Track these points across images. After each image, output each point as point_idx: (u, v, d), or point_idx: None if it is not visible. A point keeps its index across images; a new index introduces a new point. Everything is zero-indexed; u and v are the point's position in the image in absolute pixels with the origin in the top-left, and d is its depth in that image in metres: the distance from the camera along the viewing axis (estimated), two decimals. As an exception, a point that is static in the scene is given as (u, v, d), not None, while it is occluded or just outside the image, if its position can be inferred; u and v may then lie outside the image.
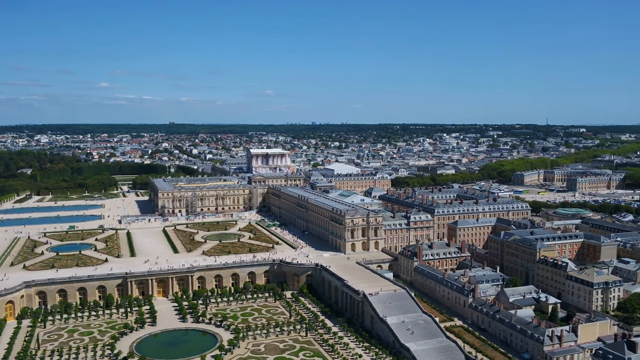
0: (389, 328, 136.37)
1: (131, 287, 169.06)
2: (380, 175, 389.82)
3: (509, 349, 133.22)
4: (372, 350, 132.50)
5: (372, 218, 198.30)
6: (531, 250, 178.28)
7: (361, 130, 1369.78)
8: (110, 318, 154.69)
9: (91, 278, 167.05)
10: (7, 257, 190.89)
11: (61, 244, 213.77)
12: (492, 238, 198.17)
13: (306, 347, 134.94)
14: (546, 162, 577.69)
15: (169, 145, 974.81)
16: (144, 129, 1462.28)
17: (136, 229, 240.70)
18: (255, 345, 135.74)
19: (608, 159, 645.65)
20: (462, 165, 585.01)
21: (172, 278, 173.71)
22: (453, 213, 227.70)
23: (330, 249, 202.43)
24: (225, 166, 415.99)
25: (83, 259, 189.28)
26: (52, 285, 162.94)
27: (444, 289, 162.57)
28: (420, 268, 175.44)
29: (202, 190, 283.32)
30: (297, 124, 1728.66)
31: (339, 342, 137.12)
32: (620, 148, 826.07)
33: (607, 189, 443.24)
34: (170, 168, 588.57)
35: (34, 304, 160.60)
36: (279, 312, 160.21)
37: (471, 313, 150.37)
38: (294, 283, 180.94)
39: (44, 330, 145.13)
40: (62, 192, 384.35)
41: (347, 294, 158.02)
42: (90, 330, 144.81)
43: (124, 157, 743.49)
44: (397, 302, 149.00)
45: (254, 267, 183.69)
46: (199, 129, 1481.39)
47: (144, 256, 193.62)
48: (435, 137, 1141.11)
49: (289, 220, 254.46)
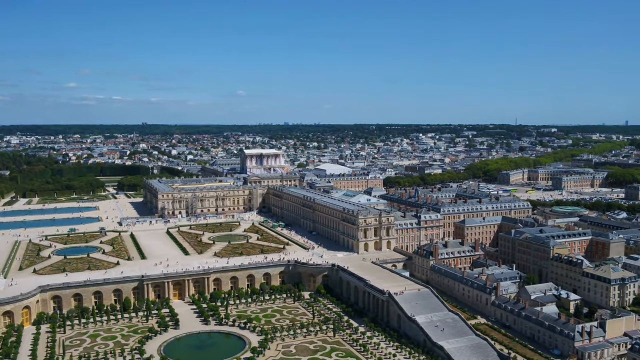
0: (419, 327, 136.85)
1: (147, 290, 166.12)
2: (372, 175, 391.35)
3: (537, 345, 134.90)
4: (403, 349, 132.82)
5: (384, 218, 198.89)
6: (544, 247, 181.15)
7: (337, 130, 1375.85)
8: (130, 322, 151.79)
9: (107, 281, 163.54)
10: (14, 261, 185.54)
11: (65, 247, 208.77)
12: (503, 236, 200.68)
13: (337, 348, 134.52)
14: (529, 162, 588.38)
15: (146, 146, 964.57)
16: (117, 129, 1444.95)
17: (139, 231, 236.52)
18: (285, 347, 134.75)
19: (586, 158, 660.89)
20: (446, 165, 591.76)
21: (189, 280, 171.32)
22: (458, 212, 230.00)
23: (342, 249, 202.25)
24: (215, 167, 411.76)
25: (93, 262, 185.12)
26: (67, 289, 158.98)
27: (463, 287, 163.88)
28: (437, 267, 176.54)
29: (202, 192, 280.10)
30: (270, 125, 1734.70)
31: (368, 341, 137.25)
32: (595, 147, 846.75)
33: (591, 187, 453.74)
34: (154, 169, 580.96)
35: (49, 308, 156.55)
36: (300, 313, 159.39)
37: (494, 310, 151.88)
38: (310, 284, 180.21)
39: (65, 335, 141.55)
40: (48, 194, 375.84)
41: (370, 294, 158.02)
42: (112, 335, 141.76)
43: (102, 158, 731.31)
44: (423, 301, 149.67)
45: (269, 268, 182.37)
46: (173, 130, 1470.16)
47: (154, 259, 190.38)
48: (411, 137, 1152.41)
49: (292, 220, 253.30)
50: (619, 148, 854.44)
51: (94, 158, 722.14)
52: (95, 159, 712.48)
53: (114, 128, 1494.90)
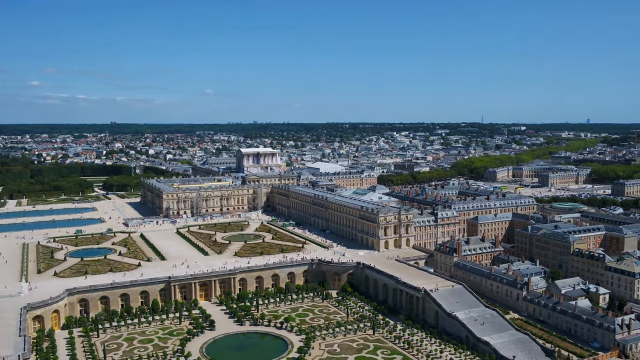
0: (460, 323, 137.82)
1: (174, 291, 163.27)
2: (367, 174, 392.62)
3: (574, 338, 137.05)
4: (447, 346, 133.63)
5: (404, 215, 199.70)
6: (564, 243, 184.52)
7: (311, 129, 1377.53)
8: (162, 324, 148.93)
9: (134, 283, 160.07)
10: (29, 264, 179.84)
11: (77, 249, 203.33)
12: (520, 232, 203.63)
13: (380, 346, 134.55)
14: (512, 159, 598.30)
15: (121, 145, 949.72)
16: (85, 129, 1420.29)
17: (148, 231, 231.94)
18: (329, 346, 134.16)
19: (564, 155, 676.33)
20: (431, 163, 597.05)
21: (215, 281, 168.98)
22: (469, 209, 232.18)
23: (360, 247, 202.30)
24: (207, 166, 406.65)
25: (113, 264, 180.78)
26: (94, 292, 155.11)
27: (491, 283, 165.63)
28: (461, 263, 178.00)
29: (206, 191, 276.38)
30: (240, 123, 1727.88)
31: (409, 338, 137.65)
32: (570, 145, 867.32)
33: (576, 184, 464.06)
34: (136, 169, 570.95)
35: (76, 312, 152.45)
36: (332, 312, 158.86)
37: (526, 305, 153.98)
38: (335, 282, 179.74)
39: (99, 339, 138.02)
40: (36, 195, 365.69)
41: (403, 291, 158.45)
42: (149, 338, 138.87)
43: (79, 158, 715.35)
44: (458, 298, 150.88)
45: (293, 267, 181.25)
46: (143, 129, 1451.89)
47: (173, 260, 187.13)
48: (386, 136, 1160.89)
49: (302, 219, 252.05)
50: (592, 145, 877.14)
51: (70, 158, 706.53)
52: (72, 158, 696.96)
53: (83, 127, 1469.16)
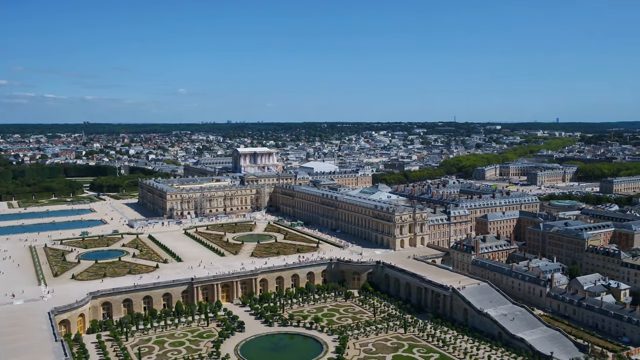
0: (492, 320, 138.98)
1: (196, 293, 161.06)
2: (362, 173, 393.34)
3: (602, 334, 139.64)
4: (481, 343, 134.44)
5: (418, 214, 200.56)
6: (579, 240, 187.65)
7: (289, 129, 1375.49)
8: (189, 326, 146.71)
9: (157, 285, 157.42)
10: (42, 267, 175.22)
11: (87, 251, 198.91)
12: (532, 230, 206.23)
13: (414, 344, 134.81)
14: (498, 158, 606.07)
15: (100, 145, 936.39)
16: (58, 128, 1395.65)
17: (156, 233, 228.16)
18: (363, 345, 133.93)
19: (547, 153, 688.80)
20: (418, 162, 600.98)
21: (237, 282, 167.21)
22: (476, 207, 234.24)
23: (375, 246, 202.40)
24: (201, 166, 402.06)
25: (130, 266, 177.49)
26: (117, 295, 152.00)
27: (513, 280, 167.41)
28: (480, 261, 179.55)
29: (210, 191, 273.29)
30: (215, 123, 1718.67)
31: (441, 336, 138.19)
32: (550, 143, 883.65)
33: (563, 181, 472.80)
34: (120, 169, 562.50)
35: (99, 315, 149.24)
36: (357, 311, 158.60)
37: (550, 302, 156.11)
38: (354, 281, 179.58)
39: (128, 343, 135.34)
40: (26, 197, 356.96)
41: (428, 289, 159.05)
42: (179, 341, 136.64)
43: (59, 158, 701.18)
44: (485, 295, 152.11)
45: (312, 267, 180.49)
46: (118, 129, 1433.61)
47: (190, 261, 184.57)
48: (365, 135, 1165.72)
49: (309, 219, 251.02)
50: (571, 144, 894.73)
51: (50, 158, 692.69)
52: (52, 159, 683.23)
53: (55, 127, 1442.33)
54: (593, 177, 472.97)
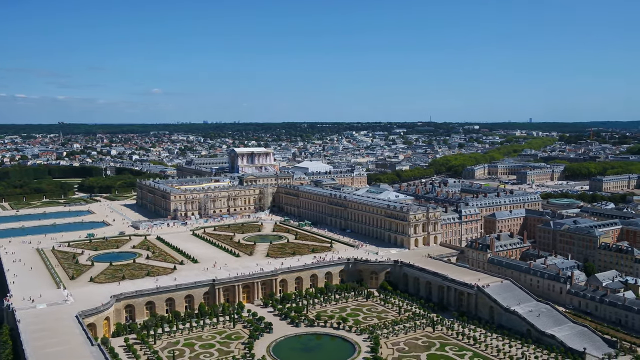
0: (521, 318, 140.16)
1: (218, 294, 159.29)
2: (357, 173, 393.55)
3: (626, 329, 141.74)
4: (511, 340, 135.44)
5: (432, 213, 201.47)
6: (590, 237, 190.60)
7: (269, 129, 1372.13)
8: (216, 328, 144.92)
9: (179, 287, 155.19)
10: (56, 270, 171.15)
11: (98, 253, 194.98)
12: (543, 228, 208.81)
13: (446, 342, 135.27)
14: (486, 158, 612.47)
15: (79, 146, 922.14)
16: (32, 129, 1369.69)
17: (164, 234, 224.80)
18: (395, 345, 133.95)
19: (531, 153, 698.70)
20: (406, 162, 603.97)
21: (258, 283, 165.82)
22: (482, 206, 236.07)
23: (388, 246, 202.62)
24: (194, 166, 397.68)
25: (146, 268, 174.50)
26: (140, 297, 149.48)
27: (531, 277, 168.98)
28: (496, 259, 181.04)
29: (214, 192, 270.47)
30: (191, 123, 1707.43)
31: (471, 334, 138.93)
32: (531, 143, 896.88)
33: (551, 180, 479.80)
34: (107, 170, 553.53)
35: (122, 318, 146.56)
36: (380, 311, 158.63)
37: (570, 298, 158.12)
38: (372, 281, 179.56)
39: (157, 346, 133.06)
40: (16, 199, 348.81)
41: (451, 288, 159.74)
42: (209, 343, 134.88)
43: (41, 159, 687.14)
44: (509, 293, 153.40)
45: (330, 267, 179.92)
46: (94, 129, 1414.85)
47: (205, 262, 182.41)
48: (346, 135, 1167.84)
49: (316, 219, 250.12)
50: (551, 144, 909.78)
51: (30, 159, 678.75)
52: (33, 160, 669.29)
53: (29, 128, 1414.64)
54: (580, 176, 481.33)
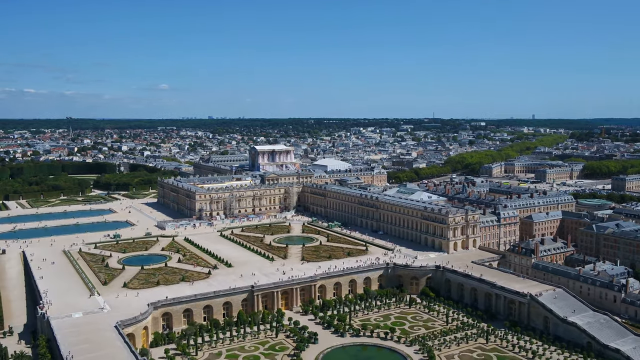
0: (580, 329, 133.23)
1: (257, 301, 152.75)
2: (377, 171, 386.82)
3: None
4: (572, 353, 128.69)
5: (471, 216, 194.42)
6: (638, 242, 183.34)
7: (276, 125, 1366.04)
8: (257, 338, 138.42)
9: (217, 294, 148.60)
10: (87, 274, 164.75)
11: (127, 255, 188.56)
12: (585, 231, 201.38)
13: (502, 356, 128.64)
14: (502, 155, 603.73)
15: (90, 141, 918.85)
16: (40, 124, 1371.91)
17: (191, 235, 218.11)
18: (449, 358, 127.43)
19: (546, 150, 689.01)
20: (421, 159, 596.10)
21: (296, 289, 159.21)
22: (518, 207, 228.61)
23: (425, 249, 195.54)
24: (212, 164, 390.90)
25: (179, 272, 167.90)
26: (177, 305, 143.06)
27: (581, 285, 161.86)
28: (541, 265, 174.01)
29: (239, 191, 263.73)
30: (197, 119, 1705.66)
31: (527, 346, 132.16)
32: (542, 140, 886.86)
33: (570, 179, 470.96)
34: (120, 166, 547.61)
35: (159, 327, 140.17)
36: (426, 319, 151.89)
37: (626, 308, 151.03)
38: (412, 286, 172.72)
39: (200, 358, 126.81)
40: (34, 196, 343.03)
41: (500, 296, 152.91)
42: (253, 355, 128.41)
43: (53, 155, 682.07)
44: (564, 302, 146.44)
45: (369, 272, 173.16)
46: (102, 124, 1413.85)
47: (239, 266, 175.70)
48: (354, 132, 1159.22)
49: (345, 220, 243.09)
50: (562, 141, 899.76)
51: (42, 155, 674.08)
52: (45, 156, 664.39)
53: (37, 123, 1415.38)
54: (600, 175, 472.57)
